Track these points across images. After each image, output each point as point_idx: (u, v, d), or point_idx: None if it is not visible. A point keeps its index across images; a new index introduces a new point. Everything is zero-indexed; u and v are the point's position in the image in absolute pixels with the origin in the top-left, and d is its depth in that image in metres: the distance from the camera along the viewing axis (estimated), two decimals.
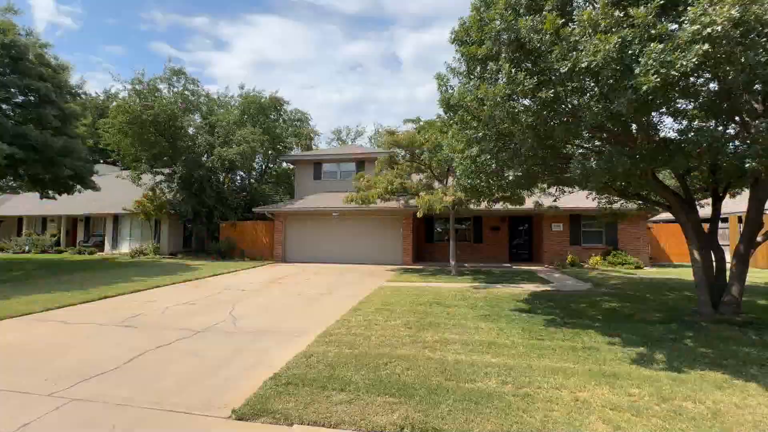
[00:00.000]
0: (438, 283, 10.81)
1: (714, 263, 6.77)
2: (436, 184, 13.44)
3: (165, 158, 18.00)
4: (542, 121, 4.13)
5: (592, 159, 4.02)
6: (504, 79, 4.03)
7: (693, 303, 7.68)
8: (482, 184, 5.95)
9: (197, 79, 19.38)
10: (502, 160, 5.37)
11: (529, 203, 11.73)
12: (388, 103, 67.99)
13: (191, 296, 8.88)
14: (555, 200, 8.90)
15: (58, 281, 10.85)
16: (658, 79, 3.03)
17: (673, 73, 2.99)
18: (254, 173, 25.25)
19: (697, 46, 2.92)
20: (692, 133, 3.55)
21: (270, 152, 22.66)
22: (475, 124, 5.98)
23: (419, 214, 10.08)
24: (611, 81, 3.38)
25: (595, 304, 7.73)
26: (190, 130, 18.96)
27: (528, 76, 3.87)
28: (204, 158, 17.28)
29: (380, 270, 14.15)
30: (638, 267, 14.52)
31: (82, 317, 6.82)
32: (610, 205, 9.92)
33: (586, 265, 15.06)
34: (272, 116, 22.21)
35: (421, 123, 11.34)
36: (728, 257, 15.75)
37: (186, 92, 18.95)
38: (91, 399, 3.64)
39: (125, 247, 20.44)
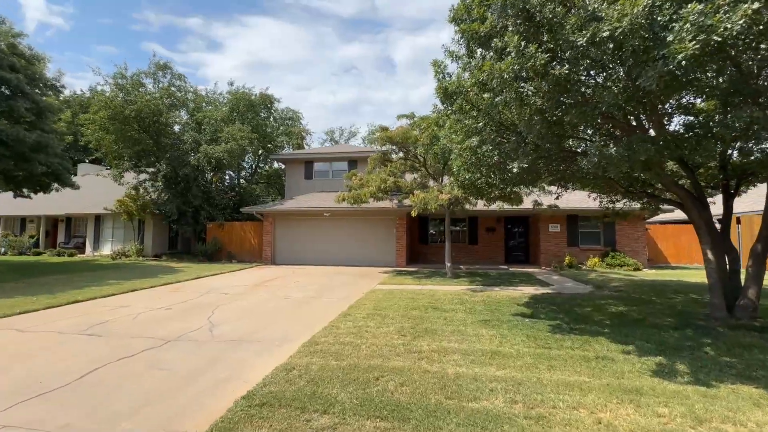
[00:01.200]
0: (433, 285, 10.30)
1: (727, 264, 6.36)
2: (431, 183, 12.96)
3: (149, 156, 17.27)
4: (553, 103, 3.66)
5: (611, 146, 3.56)
6: (513, 53, 3.55)
7: (702, 306, 7.28)
8: (482, 178, 5.47)
9: (184, 75, 18.72)
10: (505, 152, 4.89)
11: (527, 203, 11.34)
12: (382, 105, 67.78)
13: (169, 300, 8.25)
14: (557, 197, 8.46)
15: (28, 285, 10.12)
16: (697, 46, 2.58)
17: (714, 38, 2.54)
18: (244, 173, 24.57)
19: (745, 6, 2.47)
20: (729, 115, 3.11)
21: (260, 151, 22.01)
22: (474, 113, 5.51)
23: (414, 214, 9.59)
24: (637, 52, 2.92)
25: (601, 308, 7.28)
26: (176, 128, 18.25)
27: (540, 50, 3.39)
28: (190, 156, 16.57)
29: (373, 272, 13.61)
30: (637, 269, 14.18)
31: (43, 324, 6.17)
32: (612, 205, 9.54)
33: (584, 267, 14.70)
34: (262, 114, 21.58)
35: (416, 119, 10.88)
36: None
37: (172, 88, 18.24)
38: (23, 425, 3.05)
39: (107, 249, 19.61)
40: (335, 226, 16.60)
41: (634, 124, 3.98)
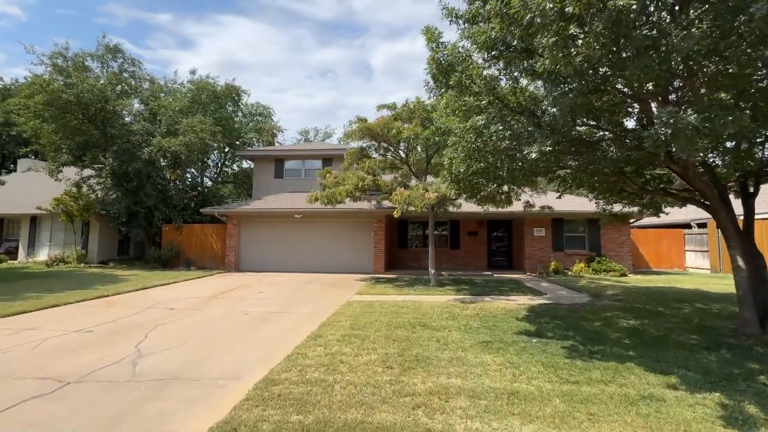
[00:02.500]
0: (416, 295, 9.18)
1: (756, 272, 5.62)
2: (413, 182, 11.90)
3: (94, 149, 15.21)
4: (606, 51, 2.64)
5: (689, 111, 2.61)
6: None
7: (719, 318, 6.56)
8: (487, 169, 4.39)
9: (139, 60, 16.77)
10: (517, 133, 3.84)
11: (514, 205, 10.53)
12: (359, 109, 66.66)
13: (95, 319, 6.64)
14: (559, 197, 7.59)
15: None
16: None
17: None
18: (209, 171, 22.63)
19: None
20: None
21: (226, 148, 20.23)
22: (476, 89, 4.44)
23: (396, 214, 8.48)
24: None
25: (610, 322, 6.40)
26: (128, 119, 16.27)
27: None
28: (142, 149, 14.68)
29: (348, 280, 12.34)
30: (623, 274, 13.71)
31: None
32: (609, 207, 8.83)
33: (571, 273, 14.07)
34: (229, 107, 19.84)
35: (398, 110, 9.78)
36: (707, 264, 15.42)
37: (124, 74, 16.27)
38: None
39: (45, 255, 17.19)
40: (307, 230, 15.20)
41: (703, 91, 3.09)
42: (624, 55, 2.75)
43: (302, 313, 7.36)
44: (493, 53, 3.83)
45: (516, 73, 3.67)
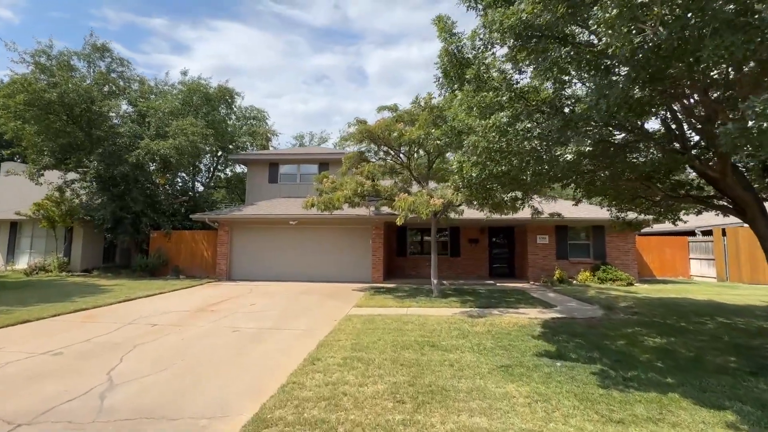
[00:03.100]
0: (420, 308, 8.62)
1: None
2: (415, 188, 11.41)
3: (79, 152, 14.50)
4: (680, 27, 2.15)
5: None
6: None
7: (749, 335, 6.09)
8: (511, 172, 3.88)
9: (128, 61, 16.14)
10: (548, 131, 3.34)
11: (523, 212, 10.08)
12: (353, 115, 66.04)
13: (68, 338, 5.98)
14: (576, 204, 7.12)
15: None
16: None
17: None
18: (201, 176, 21.94)
19: None
20: None
21: (218, 152, 19.58)
22: (496, 84, 3.95)
23: (399, 222, 7.96)
24: None
25: (634, 340, 5.89)
26: (115, 121, 15.58)
27: None
28: (130, 152, 13.99)
29: (346, 290, 11.74)
30: (630, 283, 13.28)
31: None
32: (623, 215, 8.40)
33: (576, 282, 13.62)
34: (221, 110, 19.22)
35: (399, 111, 9.28)
36: (713, 272, 15.09)
37: (112, 74, 15.63)
38: None
39: (25, 262, 16.33)
40: (302, 237, 14.59)
41: None
42: (700, 33, 2.27)
43: (298, 329, 6.76)
44: (519, 42, 3.34)
45: (547, 64, 3.19)
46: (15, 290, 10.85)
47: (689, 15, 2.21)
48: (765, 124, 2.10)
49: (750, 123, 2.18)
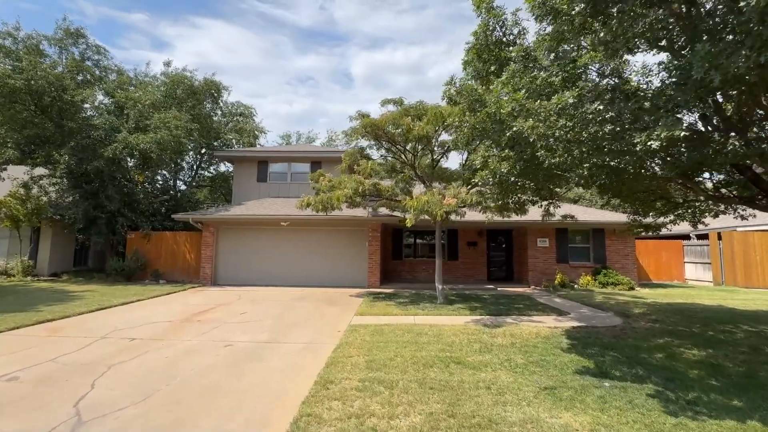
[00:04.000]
0: (427, 316, 7.99)
1: None
2: (417, 188, 10.83)
3: (49, 145, 13.27)
4: None
5: None
6: None
7: None
8: (562, 164, 3.30)
9: (105, 48, 14.98)
10: (625, 114, 2.77)
11: (527, 214, 9.66)
12: (338, 117, 65.32)
13: (28, 357, 5.06)
14: (604, 205, 6.66)
15: None
16: None
17: None
18: (184, 174, 20.74)
19: None
20: None
21: (203, 148, 18.49)
22: (546, 63, 3.36)
23: (409, 223, 7.34)
24: None
25: (672, 353, 5.43)
26: (90, 113, 14.38)
27: None
28: (105, 146, 12.87)
29: (342, 296, 11.01)
30: (631, 288, 13.04)
31: None
32: (640, 217, 8.03)
33: (578, 286, 13.31)
34: (207, 104, 18.17)
35: (405, 105, 8.67)
36: (709, 276, 15.08)
37: (87, 62, 14.44)
38: None
39: None
40: (294, 239, 13.78)
41: None
42: None
43: (299, 342, 6.02)
44: (590, 6, 2.78)
45: (624, 30, 2.66)
46: None
47: None
48: None
49: None
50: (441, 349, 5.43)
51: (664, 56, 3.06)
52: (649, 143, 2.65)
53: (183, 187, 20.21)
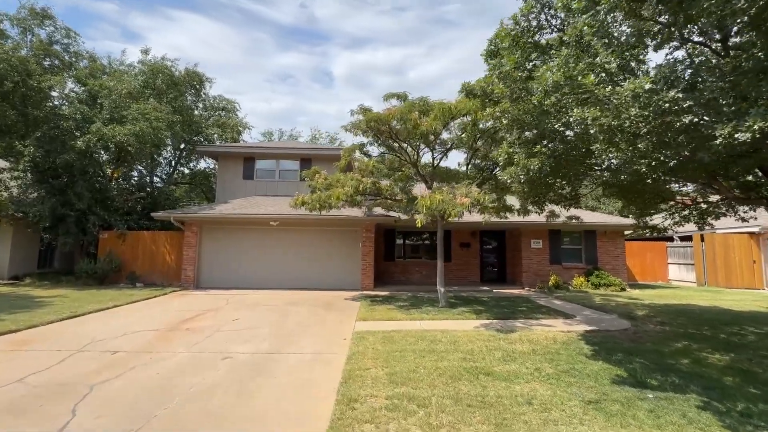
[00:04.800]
0: (433, 321, 7.64)
1: None
2: (418, 187, 10.49)
3: (10, 135, 12.05)
4: None
5: None
6: None
7: None
8: (629, 159, 2.98)
9: (76, 32, 13.80)
10: (711, 101, 2.49)
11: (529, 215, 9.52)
12: (318, 116, 64.14)
13: None
14: (623, 210, 6.50)
15: None
16: None
17: None
18: (161, 170, 19.57)
19: None
20: None
21: (182, 143, 17.45)
22: (600, 47, 3.06)
23: (419, 224, 6.96)
24: None
25: (695, 357, 5.30)
26: (57, 102, 13.21)
27: None
28: (77, 138, 11.80)
29: (337, 299, 10.51)
30: (623, 289, 13.20)
31: None
32: (645, 219, 7.99)
33: (572, 287, 13.34)
34: (189, 97, 17.15)
35: (411, 99, 8.28)
36: (692, 277, 15.51)
37: (55, 46, 13.25)
38: None
39: None
40: (284, 239, 13.13)
41: None
42: None
43: (304, 352, 5.52)
44: None
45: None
46: None
47: None
48: None
49: None
50: (462, 359, 5.07)
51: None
52: (736, 135, 2.38)
53: (160, 185, 19.05)
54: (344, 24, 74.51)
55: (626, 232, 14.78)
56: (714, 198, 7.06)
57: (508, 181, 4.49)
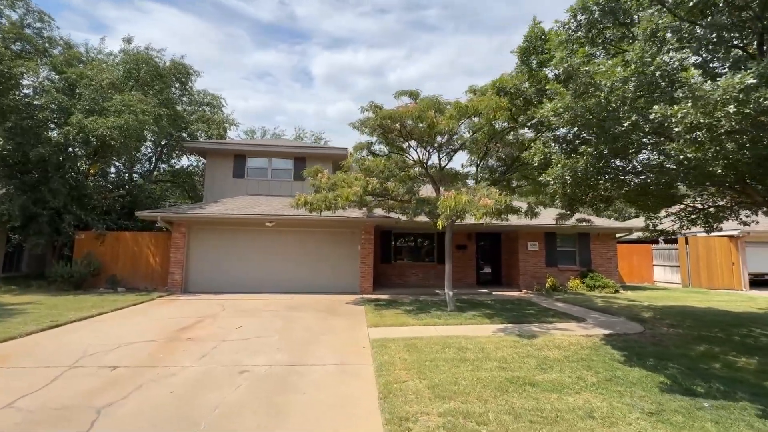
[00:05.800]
0: (446, 326, 7.41)
1: None
2: (425, 189, 10.27)
3: None
4: None
5: None
6: None
7: None
8: (700, 166, 2.83)
9: (50, 16, 12.72)
10: None
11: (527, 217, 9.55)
12: (297, 116, 62.94)
13: None
14: (643, 215, 6.48)
15: None
16: None
17: None
18: (141, 166, 18.46)
19: None
20: None
21: (163, 139, 16.49)
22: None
23: (440, 225, 6.72)
24: None
25: (723, 361, 5.30)
26: (28, 90, 12.13)
27: None
28: (52, 129, 10.84)
29: (339, 304, 10.12)
30: (616, 290, 13.44)
31: None
32: (655, 223, 8.08)
33: (569, 289, 13.48)
34: (175, 89, 16.23)
35: (423, 97, 8.02)
36: (678, 279, 16.04)
37: (27, 30, 12.17)
38: None
39: None
40: (278, 241, 12.59)
41: None
42: None
43: (327, 363, 5.13)
44: None
45: None
46: None
47: None
48: None
49: None
50: (499, 368, 4.84)
51: None
52: None
53: (140, 182, 17.94)
54: (325, 23, 73.69)
55: (636, 234, 15.15)
56: (717, 201, 7.22)
57: (551, 182, 4.33)
